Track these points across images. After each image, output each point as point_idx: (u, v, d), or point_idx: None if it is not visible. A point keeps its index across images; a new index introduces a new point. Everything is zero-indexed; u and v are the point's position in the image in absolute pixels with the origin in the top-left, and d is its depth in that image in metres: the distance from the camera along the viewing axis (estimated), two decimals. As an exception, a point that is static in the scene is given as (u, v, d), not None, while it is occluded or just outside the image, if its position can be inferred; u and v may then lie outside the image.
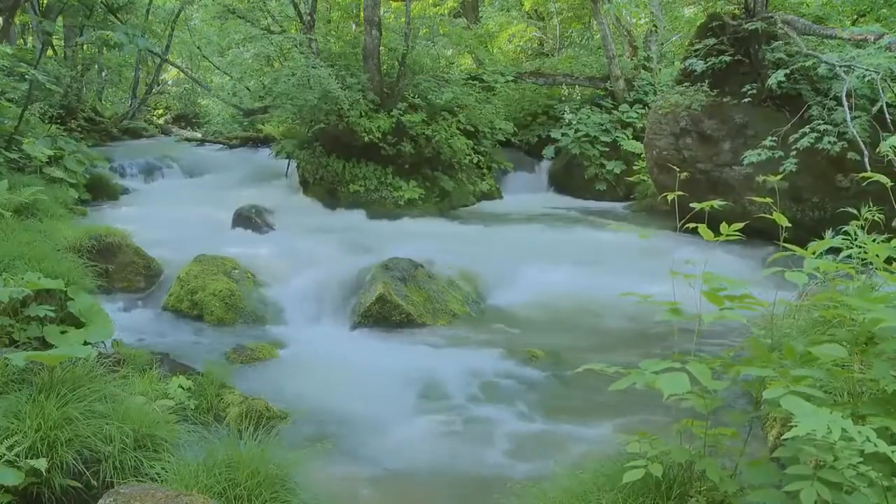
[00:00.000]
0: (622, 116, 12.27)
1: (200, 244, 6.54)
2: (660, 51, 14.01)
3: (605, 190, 11.92)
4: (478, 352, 5.06)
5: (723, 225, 2.50)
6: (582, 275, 6.58)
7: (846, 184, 7.54)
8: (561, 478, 2.58)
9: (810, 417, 1.78)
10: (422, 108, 10.54)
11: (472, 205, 11.38)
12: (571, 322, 5.71)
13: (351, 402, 4.16)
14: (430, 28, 12.91)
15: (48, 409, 2.71)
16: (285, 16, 12.70)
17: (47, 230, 5.53)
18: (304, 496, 2.69)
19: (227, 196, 10.18)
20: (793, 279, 2.30)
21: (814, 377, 2.15)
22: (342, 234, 8.02)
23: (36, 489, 2.57)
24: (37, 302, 3.86)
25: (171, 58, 17.41)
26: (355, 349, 5.23)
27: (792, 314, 3.69)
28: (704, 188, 8.15)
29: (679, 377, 2.06)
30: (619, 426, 3.70)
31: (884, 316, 2.02)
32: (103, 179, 10.41)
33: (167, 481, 2.58)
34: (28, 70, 7.90)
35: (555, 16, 16.55)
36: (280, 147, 11.34)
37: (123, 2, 12.08)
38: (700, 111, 8.55)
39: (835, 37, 8.11)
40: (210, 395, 3.82)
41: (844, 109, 7.00)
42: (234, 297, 5.66)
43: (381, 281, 5.73)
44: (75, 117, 13.88)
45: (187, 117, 21.69)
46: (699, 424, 2.38)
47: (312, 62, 10.13)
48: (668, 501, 2.27)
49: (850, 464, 1.82)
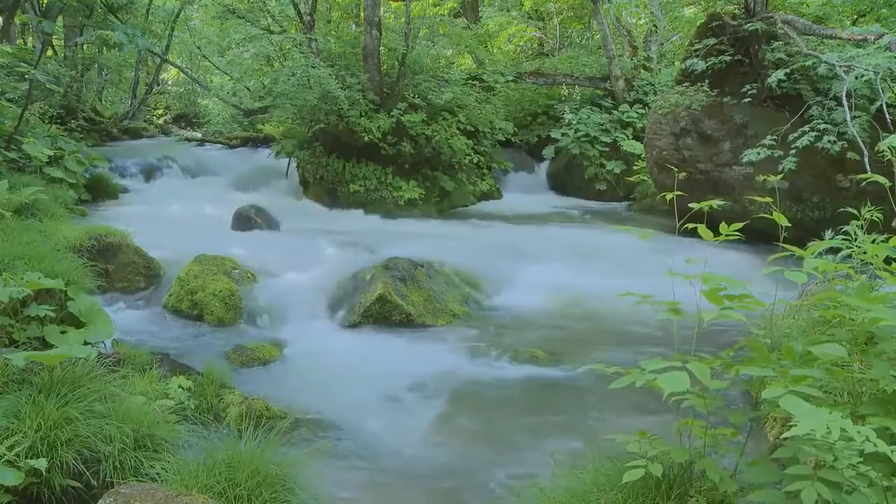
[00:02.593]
0: (622, 116, 12.27)
1: (200, 244, 6.53)
2: (660, 51, 14.02)
3: (605, 190, 11.93)
4: (478, 352, 5.06)
5: (722, 225, 2.50)
6: (582, 275, 6.58)
7: (846, 184, 7.53)
8: (561, 478, 2.58)
9: (809, 417, 1.78)
10: (422, 108, 10.54)
11: (472, 205, 11.39)
12: (571, 322, 5.71)
13: (350, 401, 4.16)
14: (430, 28, 12.91)
15: (48, 409, 2.71)
16: (285, 16, 12.70)
17: (47, 230, 5.52)
18: (303, 496, 2.69)
19: (227, 196, 10.19)
20: (792, 278, 2.31)
21: (813, 377, 2.15)
22: (342, 233, 8.03)
23: (36, 489, 2.57)
24: (37, 302, 3.86)
25: (171, 58, 17.41)
26: (355, 349, 5.23)
27: (792, 314, 3.69)
28: (704, 188, 8.15)
29: (679, 376, 2.07)
30: (620, 426, 3.69)
31: (884, 315, 2.02)
32: (103, 179, 10.40)
33: (167, 481, 2.58)
34: (28, 70, 7.90)
35: (555, 16, 16.55)
36: (280, 147, 11.34)
37: (123, 2, 12.08)
38: (700, 111, 8.55)
39: (835, 37, 8.11)
40: (210, 395, 3.82)
41: (844, 109, 7.00)
42: (234, 297, 5.66)
43: (381, 281, 5.73)
44: (75, 117, 13.87)
45: (187, 117, 21.70)
46: (699, 424, 2.38)
47: (312, 62, 10.13)
48: (668, 501, 2.27)
49: (849, 464, 1.82)
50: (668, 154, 8.78)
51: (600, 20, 12.86)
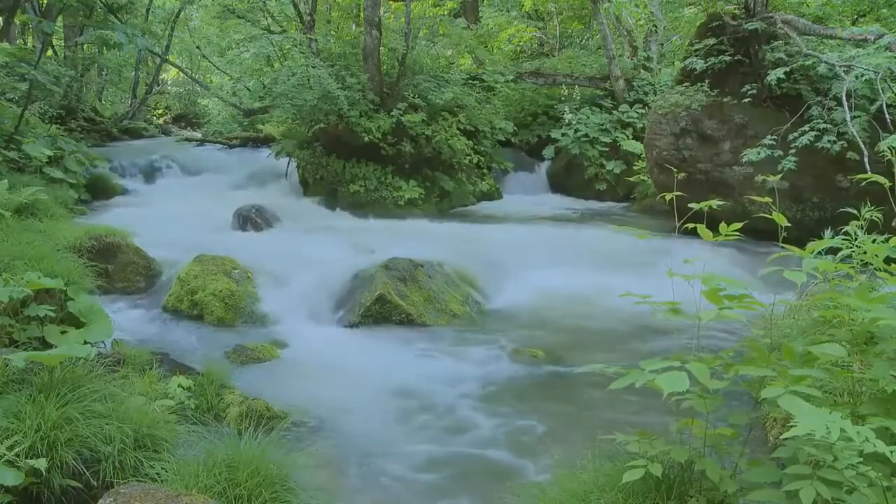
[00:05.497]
0: (622, 116, 12.27)
1: (200, 244, 6.54)
2: (660, 51, 14.01)
3: (605, 190, 11.93)
4: (478, 352, 5.06)
5: (721, 225, 2.50)
6: (582, 275, 6.58)
7: (846, 184, 7.53)
8: (561, 478, 2.58)
9: (809, 417, 1.78)
10: (422, 108, 10.54)
11: (472, 205, 11.38)
12: (571, 322, 5.71)
13: (351, 401, 4.16)
14: (430, 28, 12.91)
15: (48, 409, 2.72)
16: (285, 16, 12.72)
17: (47, 230, 5.52)
18: (303, 496, 2.69)
19: (227, 196, 10.18)
20: (791, 278, 2.30)
21: (813, 377, 2.15)
22: (342, 233, 8.03)
23: (36, 489, 2.57)
24: (37, 302, 3.86)
25: (171, 58, 17.41)
26: (355, 349, 5.23)
27: (792, 314, 3.69)
28: (704, 188, 8.15)
29: (678, 376, 2.07)
30: (620, 426, 3.69)
31: (883, 315, 2.02)
32: (103, 179, 10.40)
33: (167, 481, 2.58)
34: (28, 70, 7.90)
35: (555, 16, 16.53)
36: (280, 147, 11.34)
37: (123, 2, 12.07)
38: (700, 111, 8.55)
39: (835, 37, 8.12)
40: (210, 395, 3.82)
41: (844, 109, 7.00)
42: (234, 297, 5.66)
43: (381, 281, 5.73)
44: (75, 117, 13.87)
45: (187, 117, 21.70)
46: (699, 424, 2.38)
47: (312, 62, 10.13)
48: (668, 501, 2.27)
49: (849, 464, 1.82)
50: (668, 154, 8.78)
51: (600, 20, 12.86)
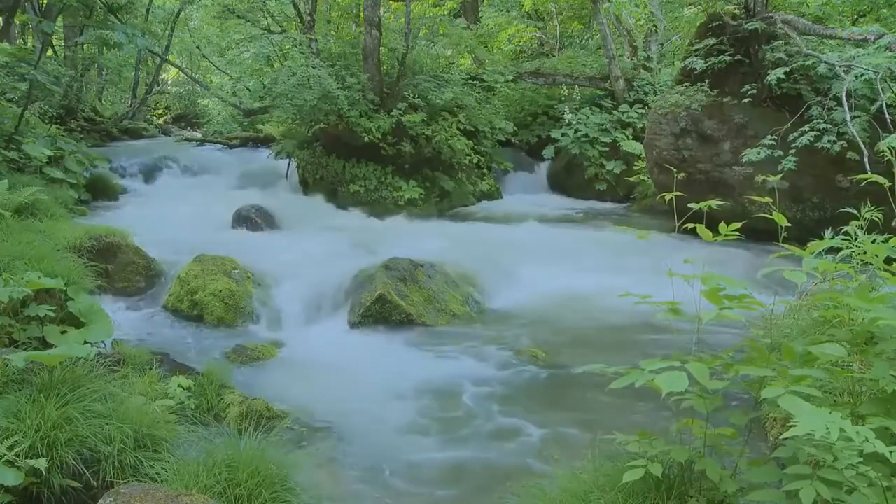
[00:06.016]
0: (622, 116, 12.27)
1: (200, 244, 6.54)
2: (660, 51, 14.01)
3: (605, 190, 11.93)
4: (478, 352, 5.06)
5: (721, 225, 2.50)
6: (582, 275, 6.58)
7: (846, 184, 7.53)
8: (561, 478, 2.58)
9: (809, 417, 1.78)
10: (422, 108, 10.54)
11: (472, 205, 11.38)
12: (572, 322, 5.71)
13: (351, 402, 4.16)
14: (430, 28, 12.90)
15: (48, 409, 2.71)
16: (285, 16, 12.71)
17: (47, 230, 5.52)
18: (304, 496, 2.69)
19: (227, 196, 10.17)
20: (791, 278, 2.30)
21: (813, 377, 2.15)
22: (342, 234, 8.03)
23: (36, 489, 2.57)
24: (37, 302, 3.86)
25: (171, 58, 17.41)
26: (355, 349, 5.23)
27: (792, 314, 3.69)
28: (704, 188, 8.15)
29: (678, 376, 2.07)
30: (620, 426, 3.69)
31: (883, 315, 2.02)
32: (103, 179, 10.39)
33: (167, 481, 2.58)
34: (28, 70, 7.90)
35: (555, 16, 16.53)
36: (280, 147, 11.34)
37: (123, 2, 12.07)
38: (700, 111, 8.55)
39: (835, 37, 8.12)
40: (210, 395, 3.82)
41: (844, 109, 7.00)
42: (234, 297, 5.66)
43: (381, 281, 5.73)
44: (75, 117, 13.87)
45: (187, 117, 21.69)
46: (699, 424, 2.38)
47: (312, 62, 10.13)
48: (668, 501, 2.27)
49: (849, 464, 1.82)
50: (668, 154, 8.78)
51: (600, 20, 12.86)
